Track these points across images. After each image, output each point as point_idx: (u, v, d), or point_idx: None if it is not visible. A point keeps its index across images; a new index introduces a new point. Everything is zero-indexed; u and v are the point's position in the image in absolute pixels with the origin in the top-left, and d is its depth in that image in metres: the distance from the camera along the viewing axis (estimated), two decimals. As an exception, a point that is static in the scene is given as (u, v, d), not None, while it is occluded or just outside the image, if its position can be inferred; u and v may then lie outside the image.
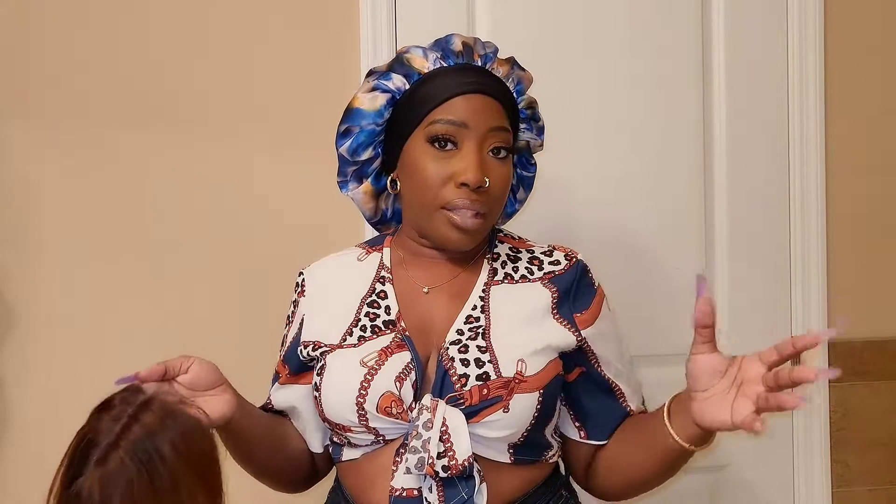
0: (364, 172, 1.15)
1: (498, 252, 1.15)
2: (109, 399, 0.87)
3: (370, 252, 1.17)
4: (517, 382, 1.02)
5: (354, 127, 1.11)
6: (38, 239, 1.56)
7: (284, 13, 1.62)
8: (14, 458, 1.54)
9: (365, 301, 1.11)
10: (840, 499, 1.76)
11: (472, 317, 1.08)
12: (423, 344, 1.07)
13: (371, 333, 1.07)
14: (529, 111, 1.15)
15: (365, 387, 1.02)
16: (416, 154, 1.07)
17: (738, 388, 0.93)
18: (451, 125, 1.05)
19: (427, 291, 1.11)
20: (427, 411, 1.00)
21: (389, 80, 1.10)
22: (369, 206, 1.19)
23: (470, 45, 1.10)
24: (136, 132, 1.58)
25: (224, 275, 1.60)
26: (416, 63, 1.09)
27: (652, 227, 1.70)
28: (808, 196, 1.74)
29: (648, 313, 1.70)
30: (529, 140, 1.17)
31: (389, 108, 1.10)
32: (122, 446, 0.81)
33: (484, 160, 1.05)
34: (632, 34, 1.69)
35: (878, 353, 1.77)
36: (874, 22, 1.79)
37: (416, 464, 0.99)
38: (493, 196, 1.06)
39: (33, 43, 1.56)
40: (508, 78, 1.11)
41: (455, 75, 1.07)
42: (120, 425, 0.83)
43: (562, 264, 1.13)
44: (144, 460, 0.81)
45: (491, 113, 1.06)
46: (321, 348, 1.10)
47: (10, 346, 1.55)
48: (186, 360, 1.01)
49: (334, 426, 1.07)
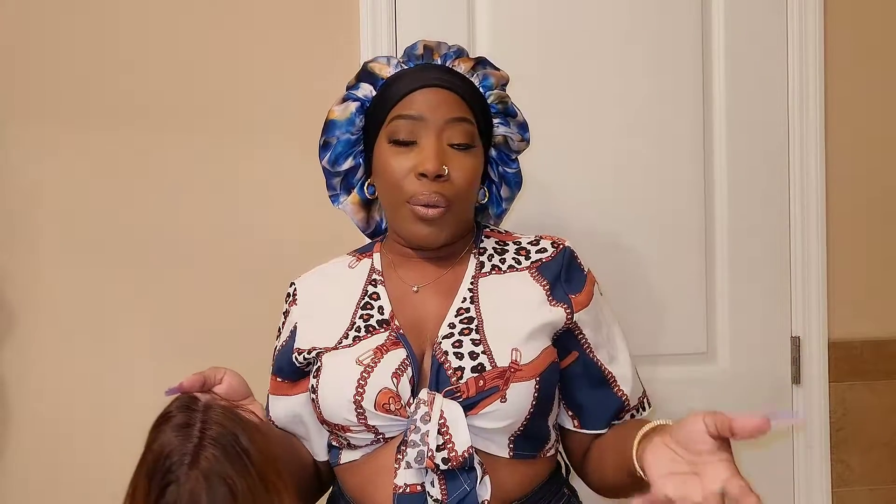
0: (350, 183, 1.18)
1: (484, 247, 1.17)
2: (167, 412, 0.87)
3: (360, 259, 1.19)
4: (513, 371, 1.02)
5: (332, 138, 1.15)
6: (38, 239, 1.56)
7: (284, 14, 1.62)
8: (14, 458, 1.54)
9: (359, 305, 1.12)
10: (840, 499, 1.76)
11: (463, 308, 1.09)
12: (417, 341, 1.07)
13: (365, 333, 1.08)
14: (501, 105, 1.15)
15: (362, 384, 1.02)
16: (381, 154, 1.10)
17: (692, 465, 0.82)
18: (408, 120, 1.07)
19: (417, 290, 1.12)
20: (424, 405, 1.00)
21: (358, 89, 1.14)
22: (360, 216, 1.21)
23: (432, 47, 1.13)
24: (135, 132, 1.58)
25: (224, 275, 1.60)
26: (378, 69, 1.13)
27: (652, 227, 1.70)
28: (808, 196, 1.74)
29: (648, 313, 1.70)
30: (507, 135, 1.17)
31: (360, 115, 1.14)
32: (208, 445, 0.82)
33: (444, 151, 1.06)
34: (631, 34, 1.69)
35: (878, 353, 1.77)
36: (874, 22, 1.78)
37: (416, 457, 0.99)
38: (456, 186, 1.07)
39: (33, 43, 1.56)
40: (473, 74, 1.13)
41: (414, 74, 1.10)
42: (197, 428, 0.83)
43: (548, 251, 1.14)
44: (233, 454, 0.82)
45: (448, 105, 1.08)
46: (316, 351, 1.10)
47: (10, 346, 1.55)
48: (219, 370, 0.99)
49: (333, 427, 1.07)
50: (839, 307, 1.76)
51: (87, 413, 1.56)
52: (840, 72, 1.76)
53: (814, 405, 1.74)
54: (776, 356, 1.74)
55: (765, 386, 1.74)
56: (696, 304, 1.72)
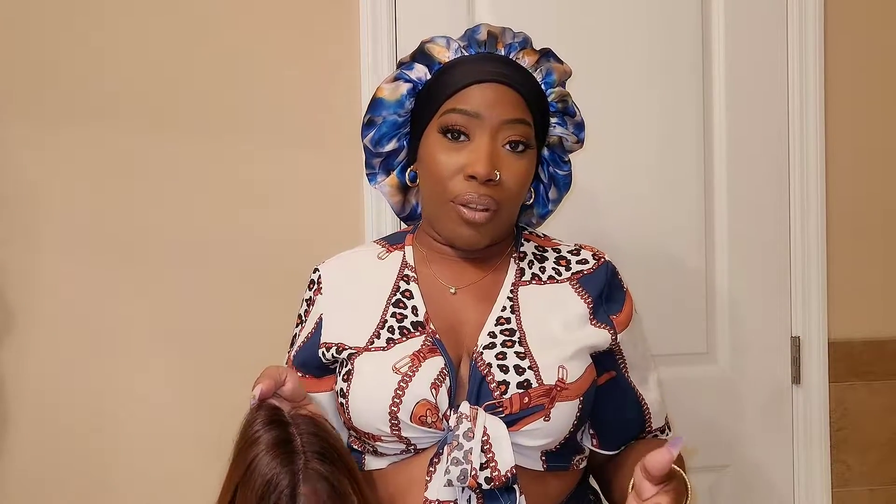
0: (391, 164, 1.12)
1: (524, 251, 1.12)
2: (255, 431, 0.88)
3: (391, 250, 1.13)
4: (559, 390, 0.98)
5: (377, 117, 1.09)
6: (38, 239, 1.56)
7: (284, 14, 1.62)
8: (14, 457, 1.54)
9: (390, 301, 1.06)
10: (840, 499, 1.76)
11: (503, 318, 1.04)
12: (454, 347, 1.02)
13: (399, 335, 1.03)
14: (561, 104, 1.10)
15: (399, 395, 0.97)
16: (430, 145, 1.04)
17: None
18: (463, 115, 1.01)
19: (454, 292, 1.07)
20: (467, 420, 0.95)
21: (412, 69, 1.07)
22: (396, 199, 1.15)
23: (496, 34, 1.06)
24: (135, 131, 1.58)
25: (224, 274, 1.59)
26: (437, 52, 1.06)
27: (651, 227, 1.70)
28: (808, 196, 1.74)
29: (647, 313, 1.68)
30: (562, 136, 1.12)
31: (411, 98, 1.07)
32: (313, 458, 0.85)
33: (496, 153, 1.01)
34: (632, 33, 1.69)
35: (878, 353, 1.77)
36: (874, 22, 1.78)
37: (459, 476, 0.94)
38: (506, 191, 1.01)
39: (33, 43, 1.56)
40: (536, 68, 1.07)
41: (474, 64, 1.04)
42: (298, 444, 0.86)
43: (590, 263, 1.11)
44: (334, 461, 0.87)
45: (507, 104, 1.02)
46: (346, 350, 1.04)
47: (10, 346, 1.55)
48: (280, 370, 0.95)
49: (362, 435, 1.02)
50: (839, 307, 1.76)
51: (87, 413, 1.56)
52: (840, 73, 1.76)
53: (814, 405, 1.74)
54: (776, 356, 1.74)
55: (765, 386, 1.74)
56: (696, 304, 1.72)
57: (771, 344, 1.74)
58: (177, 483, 1.56)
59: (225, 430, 1.10)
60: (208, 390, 1.57)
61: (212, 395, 1.56)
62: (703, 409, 1.71)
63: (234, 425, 1.18)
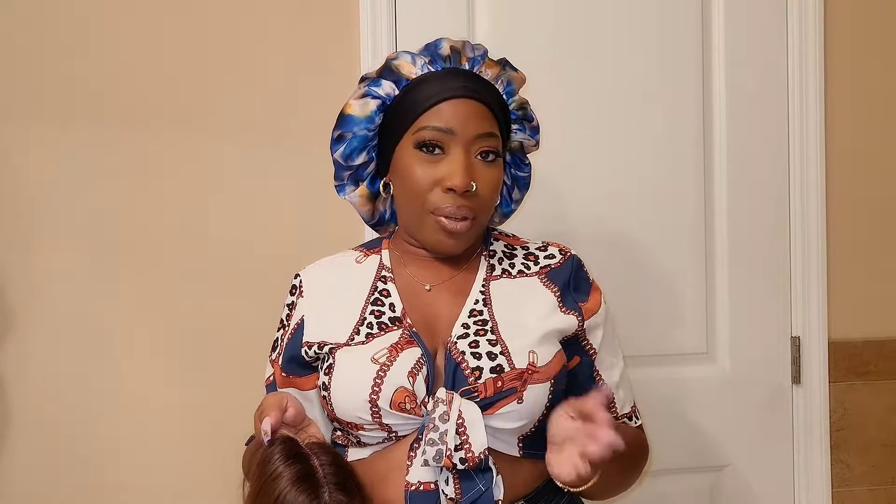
0: (359, 176, 1.18)
1: (494, 249, 1.18)
2: (274, 468, 0.91)
3: (368, 254, 1.19)
4: (530, 373, 1.04)
5: (347, 133, 1.14)
6: (38, 239, 1.56)
7: (284, 13, 1.62)
8: (14, 458, 1.54)
9: (369, 300, 1.12)
10: (840, 499, 1.76)
11: (476, 310, 1.10)
12: (430, 339, 1.08)
13: (378, 330, 1.09)
14: (521, 112, 1.17)
15: (378, 383, 1.02)
16: (405, 159, 1.09)
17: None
18: (437, 131, 1.07)
19: (429, 289, 1.13)
20: (443, 404, 1.01)
21: (379, 86, 1.12)
22: (366, 208, 1.20)
23: (458, 48, 1.12)
24: (135, 132, 1.58)
25: (225, 275, 1.60)
26: (405, 69, 1.11)
27: (652, 227, 1.70)
28: (809, 196, 1.74)
29: (646, 314, 1.70)
30: (522, 140, 1.19)
31: (380, 113, 1.13)
32: (335, 490, 0.91)
33: (471, 164, 1.07)
34: (632, 34, 1.69)
35: (878, 353, 1.77)
36: (874, 22, 1.78)
37: (435, 456, 1.00)
38: (482, 199, 1.08)
39: (33, 43, 1.56)
40: (498, 80, 1.13)
41: (442, 80, 1.09)
42: (320, 476, 0.91)
43: (557, 258, 1.17)
44: (352, 488, 0.93)
45: (478, 118, 1.08)
46: (328, 346, 1.10)
47: (10, 346, 1.55)
48: (280, 397, 1.00)
49: (345, 425, 1.07)
50: (839, 307, 1.76)
51: (87, 413, 1.56)
52: (840, 72, 1.76)
53: (814, 405, 1.74)
54: (776, 356, 1.74)
55: (765, 386, 1.74)
56: (696, 304, 1.72)
57: (771, 344, 1.74)
58: (177, 483, 1.57)
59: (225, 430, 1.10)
60: (208, 390, 1.57)
61: (211, 395, 1.56)
62: (703, 409, 1.71)
63: (234, 425, 1.18)
